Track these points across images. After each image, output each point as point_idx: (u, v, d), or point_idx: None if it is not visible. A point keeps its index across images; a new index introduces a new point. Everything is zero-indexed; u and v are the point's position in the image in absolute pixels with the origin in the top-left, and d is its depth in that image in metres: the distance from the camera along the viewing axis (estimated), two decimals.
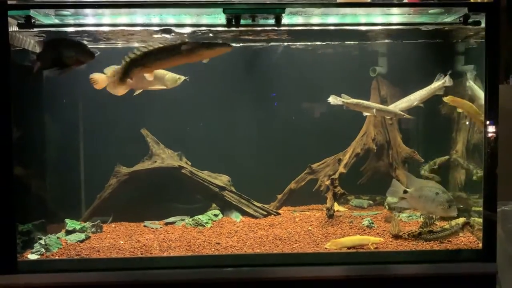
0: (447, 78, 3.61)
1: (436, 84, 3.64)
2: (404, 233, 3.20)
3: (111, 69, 3.11)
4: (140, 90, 3.37)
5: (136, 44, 3.58)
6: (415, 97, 3.68)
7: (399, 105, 3.73)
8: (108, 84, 3.09)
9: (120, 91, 3.06)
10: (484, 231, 2.95)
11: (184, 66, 3.82)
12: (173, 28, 3.11)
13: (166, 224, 3.70)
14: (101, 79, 3.19)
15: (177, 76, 3.44)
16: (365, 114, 3.75)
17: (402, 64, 3.96)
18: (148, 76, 2.99)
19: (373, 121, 4.03)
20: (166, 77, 3.40)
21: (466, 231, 3.15)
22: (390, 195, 3.25)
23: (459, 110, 3.59)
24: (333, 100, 3.62)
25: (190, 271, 2.85)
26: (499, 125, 2.87)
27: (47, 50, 2.97)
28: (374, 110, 3.65)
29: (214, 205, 3.94)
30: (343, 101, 3.59)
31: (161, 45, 2.89)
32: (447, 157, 3.83)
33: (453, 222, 3.14)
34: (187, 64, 3.71)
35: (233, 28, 3.05)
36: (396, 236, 3.19)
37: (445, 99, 3.51)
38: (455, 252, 2.99)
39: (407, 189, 2.96)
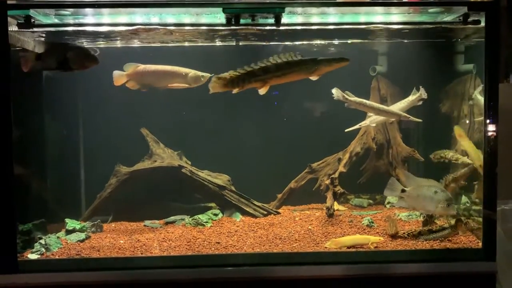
0: (422, 91, 3.65)
1: (413, 97, 3.68)
2: (404, 233, 3.20)
3: (131, 66, 3.23)
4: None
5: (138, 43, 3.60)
6: (372, 119, 3.73)
7: (376, 119, 3.75)
8: (212, 85, 3.02)
9: (216, 90, 3.04)
10: (484, 230, 2.95)
11: (183, 66, 3.86)
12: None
13: (166, 223, 3.70)
14: (121, 76, 3.27)
15: (201, 73, 3.39)
16: (370, 114, 3.73)
17: (402, 63, 3.95)
18: (261, 91, 3.03)
19: None
20: (189, 75, 3.38)
21: (461, 229, 3.14)
22: (387, 194, 3.26)
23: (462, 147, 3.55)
24: (336, 92, 3.55)
25: (190, 271, 2.85)
26: (499, 124, 2.87)
27: (53, 52, 3.02)
28: (377, 111, 3.63)
29: (214, 204, 3.95)
30: (346, 98, 3.53)
31: (280, 61, 2.94)
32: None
33: (452, 221, 3.14)
34: (187, 64, 3.74)
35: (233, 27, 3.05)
36: (393, 236, 3.18)
37: (455, 130, 3.51)
38: (455, 251, 3.00)
39: (405, 188, 2.95)
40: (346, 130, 3.77)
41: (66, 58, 2.99)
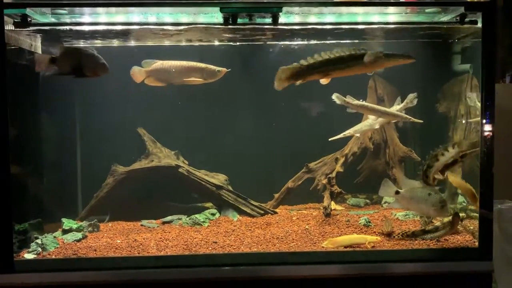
0: (409, 98, 3.63)
1: (399, 106, 3.67)
2: (399, 233, 3.20)
3: (150, 63, 3.28)
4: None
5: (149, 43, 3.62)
6: (376, 121, 3.72)
7: (360, 129, 3.75)
8: (278, 77, 3.00)
9: (282, 83, 3.02)
10: (480, 229, 2.96)
11: None
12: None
13: (163, 223, 3.70)
14: (140, 72, 3.30)
15: (217, 68, 3.38)
16: (371, 117, 3.71)
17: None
18: (323, 81, 3.02)
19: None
20: (205, 70, 3.35)
21: (458, 225, 3.14)
22: (382, 194, 3.26)
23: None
24: (337, 98, 3.53)
25: (187, 270, 2.84)
26: (495, 124, 2.88)
27: (68, 57, 3.01)
28: (380, 113, 3.60)
29: (211, 204, 3.94)
30: (347, 102, 3.50)
31: (342, 54, 2.93)
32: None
33: (446, 220, 3.15)
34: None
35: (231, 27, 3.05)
36: (389, 235, 3.19)
37: (449, 176, 3.39)
38: (451, 250, 3.00)
39: (399, 190, 2.96)
40: (330, 139, 3.77)
41: (81, 65, 3.00)
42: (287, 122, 4.16)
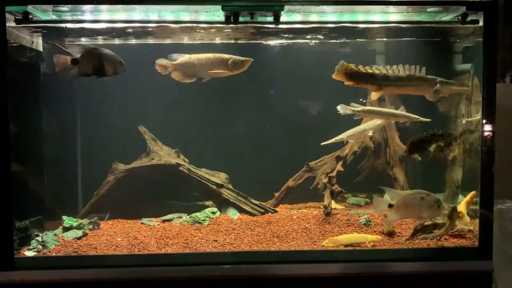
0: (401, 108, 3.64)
1: (370, 124, 3.68)
2: (401, 235, 3.20)
3: (177, 56, 3.30)
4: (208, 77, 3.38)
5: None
6: (368, 126, 3.71)
7: (353, 134, 3.74)
8: (337, 69, 3.08)
9: (338, 76, 3.11)
10: (480, 229, 2.96)
11: None
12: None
13: (164, 221, 3.70)
14: (166, 65, 3.31)
15: (242, 58, 3.34)
16: (378, 121, 3.70)
17: (399, 63, 3.95)
18: (374, 95, 3.13)
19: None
20: (230, 61, 3.31)
21: (456, 219, 3.15)
22: (377, 211, 3.26)
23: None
24: (342, 109, 3.51)
25: (187, 268, 2.84)
26: (496, 124, 2.88)
27: (89, 57, 3.01)
28: (388, 116, 3.59)
29: (211, 202, 3.95)
30: (353, 110, 3.49)
31: (402, 75, 3.05)
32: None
33: (445, 217, 3.16)
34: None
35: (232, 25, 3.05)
36: (390, 234, 3.19)
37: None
38: (451, 250, 3.01)
39: (392, 203, 2.98)
40: (322, 144, 3.77)
41: (102, 64, 3.01)
42: (288, 120, 4.16)
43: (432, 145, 3.04)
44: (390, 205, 2.95)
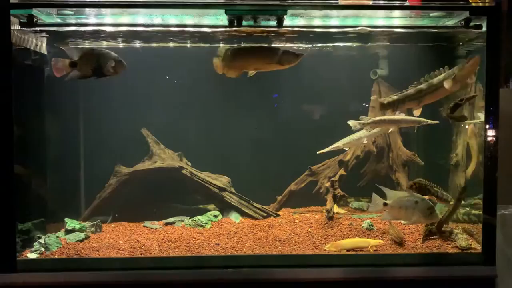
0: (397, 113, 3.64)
1: (366, 132, 3.67)
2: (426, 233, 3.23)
3: (222, 50, 3.13)
4: (254, 72, 3.24)
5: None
6: (364, 134, 3.69)
7: (349, 142, 3.75)
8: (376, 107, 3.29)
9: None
10: (483, 234, 2.95)
11: (184, 67, 3.87)
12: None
13: (166, 224, 3.70)
14: (217, 63, 3.15)
15: (296, 52, 3.18)
16: (390, 130, 3.70)
17: (402, 67, 3.96)
18: (416, 112, 3.24)
19: None
20: (282, 54, 3.15)
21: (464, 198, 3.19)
22: (372, 210, 3.27)
23: None
24: (353, 124, 3.49)
25: (189, 272, 2.84)
26: (499, 129, 2.88)
27: (88, 59, 3.01)
28: (398, 122, 3.54)
29: (213, 206, 3.94)
30: (363, 123, 3.45)
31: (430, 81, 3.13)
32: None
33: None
34: (188, 66, 3.75)
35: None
36: (401, 244, 3.15)
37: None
38: (454, 255, 3.00)
39: (387, 202, 2.98)
40: (318, 152, 3.78)
41: (101, 65, 3.00)
42: (291, 125, 4.16)
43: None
44: (385, 204, 2.96)
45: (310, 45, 3.83)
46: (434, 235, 3.23)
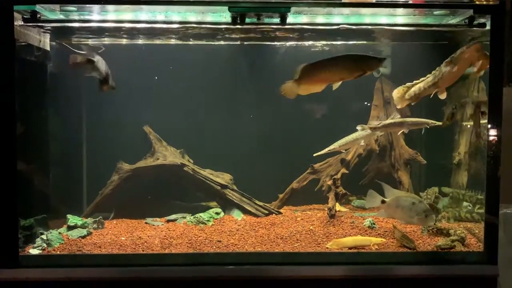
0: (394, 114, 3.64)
1: (364, 133, 3.65)
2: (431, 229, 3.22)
3: (299, 68, 2.97)
4: (340, 83, 3.05)
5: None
6: (360, 136, 3.68)
7: (345, 143, 3.73)
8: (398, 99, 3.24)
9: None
10: (485, 233, 2.95)
11: (185, 68, 3.87)
12: None
13: (168, 221, 3.70)
14: (292, 87, 3.01)
15: (378, 57, 3.06)
16: (399, 133, 3.68)
17: (405, 65, 3.95)
18: (442, 96, 3.20)
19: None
20: (366, 62, 3.04)
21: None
22: (368, 205, 3.27)
23: None
24: (362, 130, 3.53)
25: (191, 269, 2.85)
26: (502, 128, 2.87)
27: (101, 64, 3.08)
28: (407, 125, 3.53)
29: (215, 203, 3.95)
30: (373, 128, 3.47)
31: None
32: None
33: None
34: (188, 66, 3.74)
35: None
36: (411, 248, 3.09)
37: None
38: (456, 254, 2.99)
39: (385, 199, 2.98)
40: (315, 155, 3.77)
41: (107, 76, 3.08)
42: (293, 122, 4.15)
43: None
44: (383, 201, 2.95)
45: (312, 42, 3.84)
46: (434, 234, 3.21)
